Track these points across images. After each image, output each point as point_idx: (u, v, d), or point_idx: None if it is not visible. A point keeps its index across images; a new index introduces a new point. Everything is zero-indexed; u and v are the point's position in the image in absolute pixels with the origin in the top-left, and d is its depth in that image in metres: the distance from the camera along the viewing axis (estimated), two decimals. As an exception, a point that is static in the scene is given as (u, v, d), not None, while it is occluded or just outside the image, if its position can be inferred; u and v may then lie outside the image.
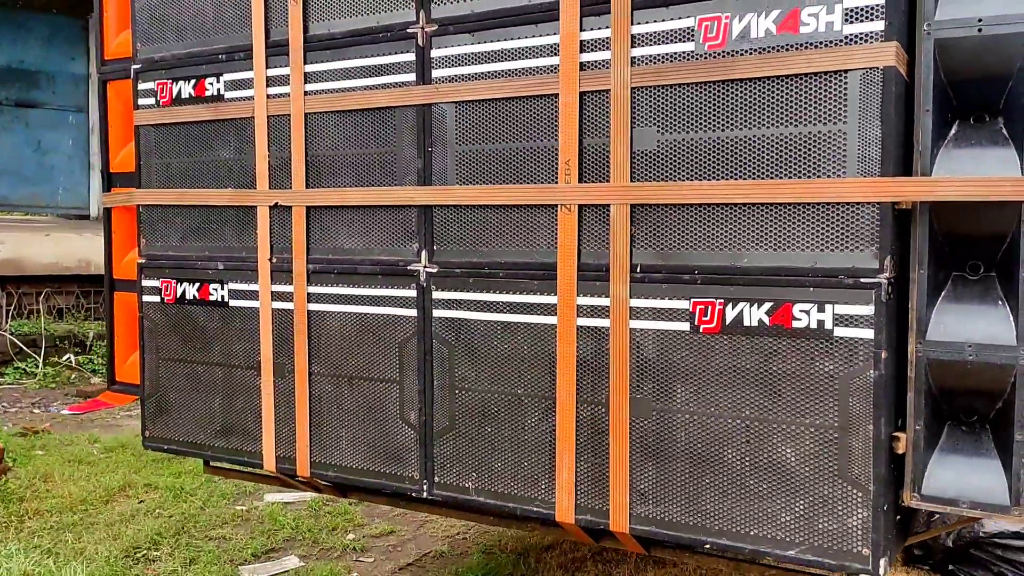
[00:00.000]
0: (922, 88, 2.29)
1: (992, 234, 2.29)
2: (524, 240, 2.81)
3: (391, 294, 3.07)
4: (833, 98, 2.33)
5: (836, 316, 2.33)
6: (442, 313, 2.97)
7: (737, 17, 2.44)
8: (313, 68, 3.18)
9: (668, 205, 2.56)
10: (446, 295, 2.96)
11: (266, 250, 3.33)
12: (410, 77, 2.98)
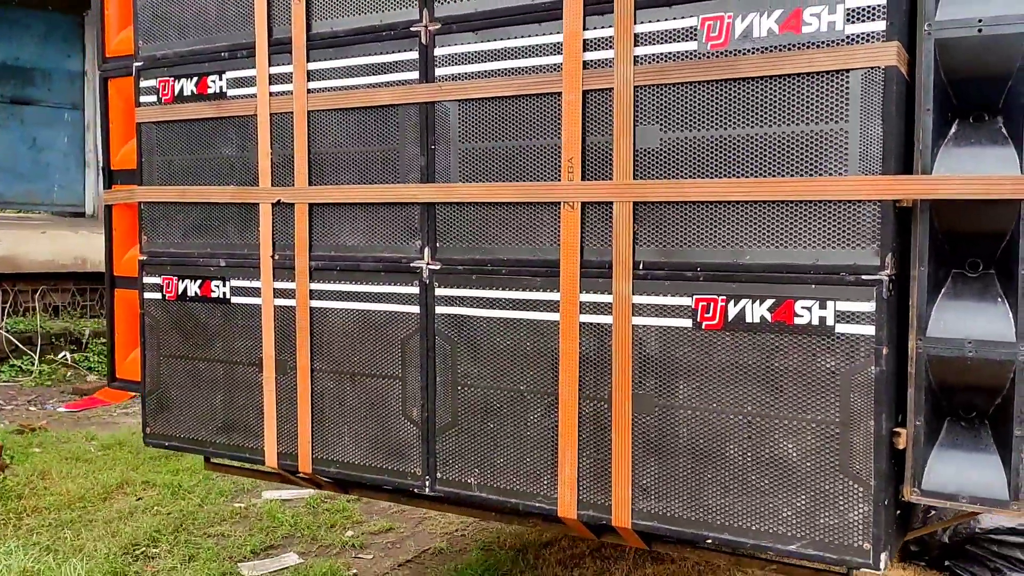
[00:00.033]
0: (923, 87, 2.31)
1: (991, 232, 2.32)
2: (527, 237, 2.83)
3: (394, 291, 3.08)
4: (835, 97, 2.35)
5: (838, 313, 2.36)
6: (445, 310, 2.99)
7: (740, 17, 2.46)
8: (316, 66, 3.20)
9: (671, 203, 2.58)
10: (449, 292, 2.97)
11: (268, 247, 3.34)
12: (413, 75, 2.99)
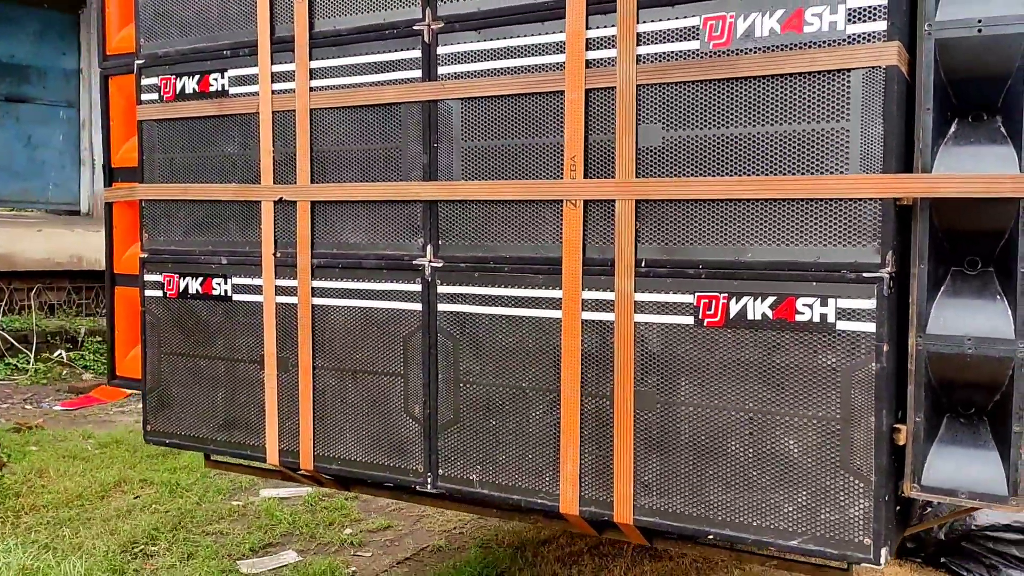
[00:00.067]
0: (923, 87, 2.34)
1: (990, 230, 2.34)
2: (529, 235, 2.84)
3: (396, 288, 3.09)
4: (836, 96, 2.37)
5: (839, 310, 2.38)
6: (447, 307, 3.00)
7: (742, 16, 2.48)
8: (318, 64, 3.21)
9: (673, 201, 2.60)
10: (451, 289, 2.99)
11: (270, 245, 3.35)
12: (416, 74, 3.01)
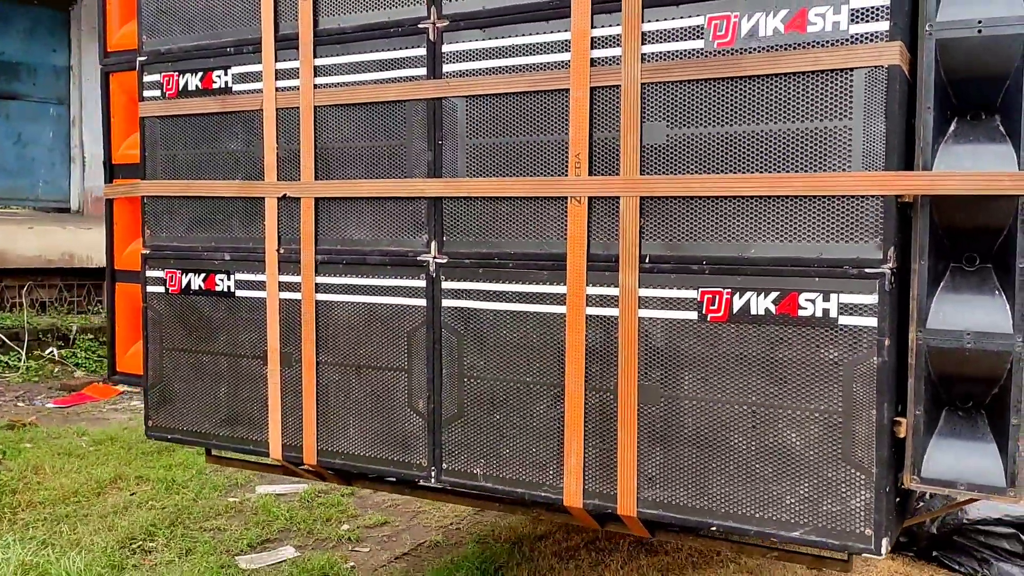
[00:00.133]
0: (924, 86, 2.38)
1: (989, 227, 2.39)
2: (534, 231, 2.88)
3: (400, 284, 3.12)
4: (839, 95, 2.41)
5: (841, 305, 2.42)
6: (451, 303, 3.03)
7: (746, 16, 2.51)
8: (323, 62, 3.23)
9: (677, 197, 2.63)
10: (455, 285, 3.02)
11: (274, 241, 3.37)
12: (421, 71, 3.03)
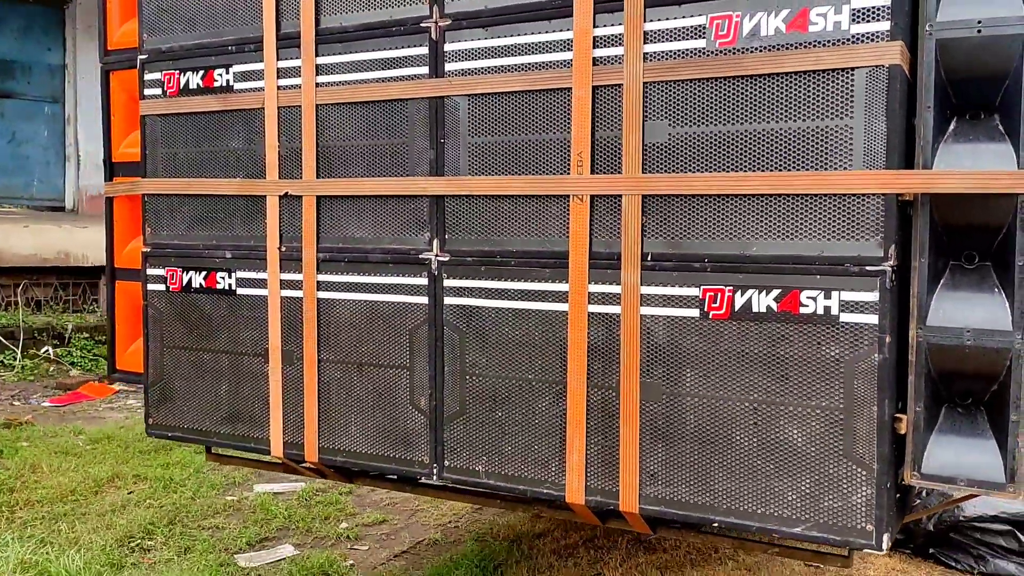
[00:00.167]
0: (924, 86, 2.40)
1: (989, 225, 2.41)
2: (536, 229, 2.89)
3: (402, 282, 3.13)
4: (840, 94, 2.43)
5: (842, 302, 2.44)
6: (453, 300, 3.04)
7: (748, 16, 2.53)
8: (325, 60, 3.24)
9: (679, 196, 2.65)
10: (457, 283, 3.03)
11: (275, 239, 3.38)
12: (423, 70, 3.04)
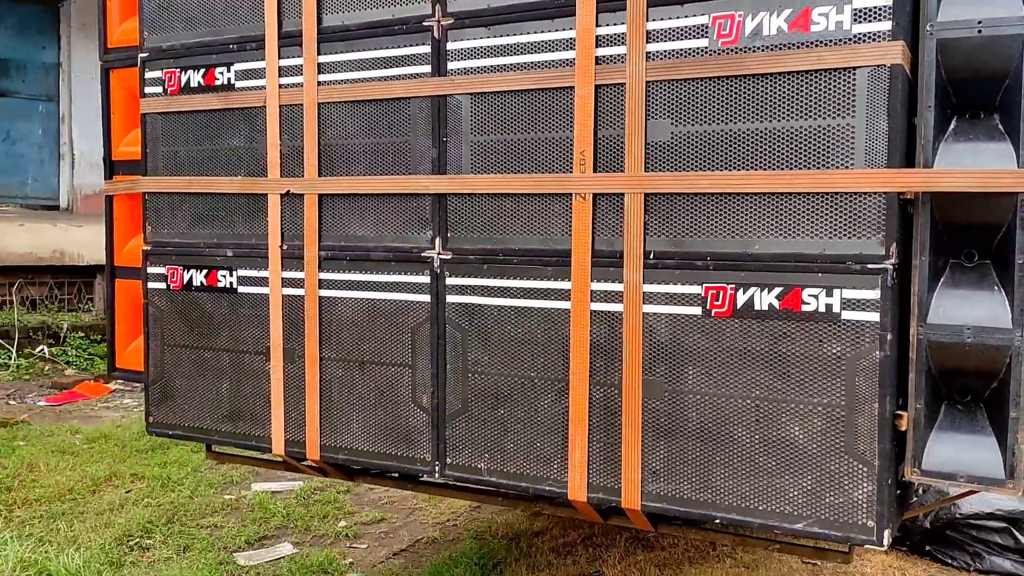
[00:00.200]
0: (924, 85, 2.42)
1: (989, 223, 2.43)
2: (539, 228, 2.90)
3: (404, 280, 3.14)
4: (842, 94, 2.45)
5: (844, 300, 2.46)
6: (456, 299, 3.05)
7: (750, 15, 2.55)
8: (326, 59, 3.24)
9: (681, 194, 2.67)
10: (460, 281, 3.04)
11: (277, 237, 3.38)
12: (425, 69, 3.05)
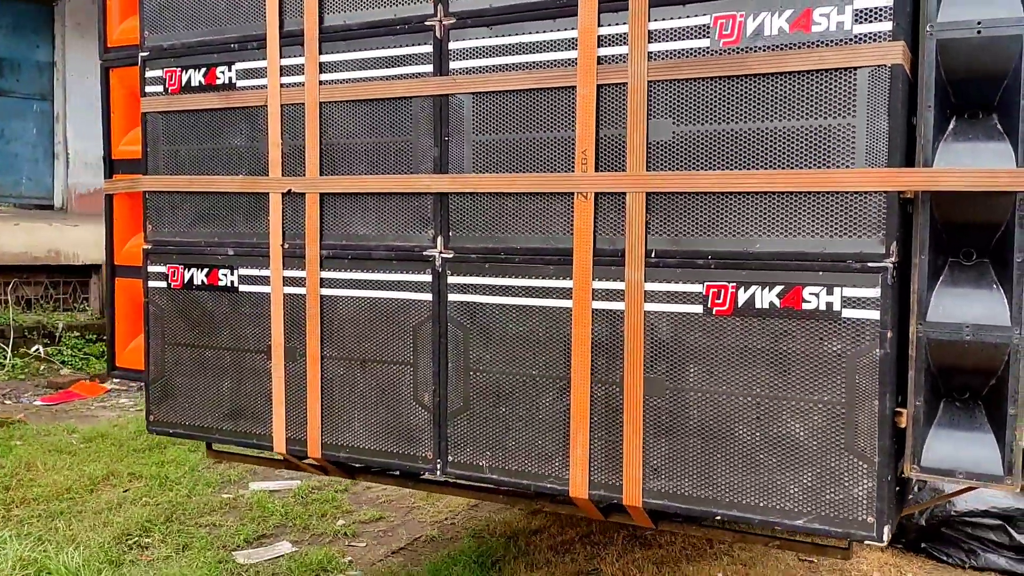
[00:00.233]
0: (924, 85, 2.44)
1: (987, 222, 2.45)
2: (540, 227, 2.92)
3: (406, 279, 3.15)
4: (843, 94, 2.47)
5: (844, 298, 2.48)
6: (457, 297, 3.06)
7: (752, 16, 2.57)
8: (328, 58, 3.25)
9: (683, 193, 2.68)
10: (462, 280, 3.05)
11: (278, 236, 3.39)
12: (427, 68, 3.07)
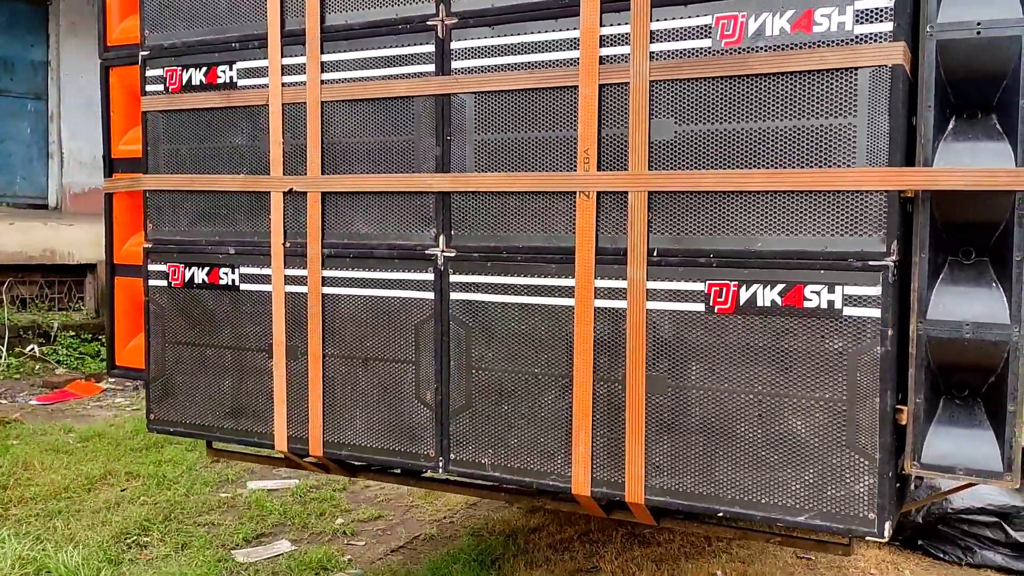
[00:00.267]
0: (924, 85, 2.47)
1: (987, 221, 2.48)
2: (542, 226, 2.93)
3: (408, 278, 3.16)
4: (844, 94, 2.49)
5: (845, 296, 2.50)
6: (459, 296, 3.08)
7: (753, 16, 2.59)
8: (329, 58, 3.26)
9: (685, 192, 2.70)
10: (464, 278, 3.07)
11: (280, 235, 3.40)
12: (429, 68, 3.08)
